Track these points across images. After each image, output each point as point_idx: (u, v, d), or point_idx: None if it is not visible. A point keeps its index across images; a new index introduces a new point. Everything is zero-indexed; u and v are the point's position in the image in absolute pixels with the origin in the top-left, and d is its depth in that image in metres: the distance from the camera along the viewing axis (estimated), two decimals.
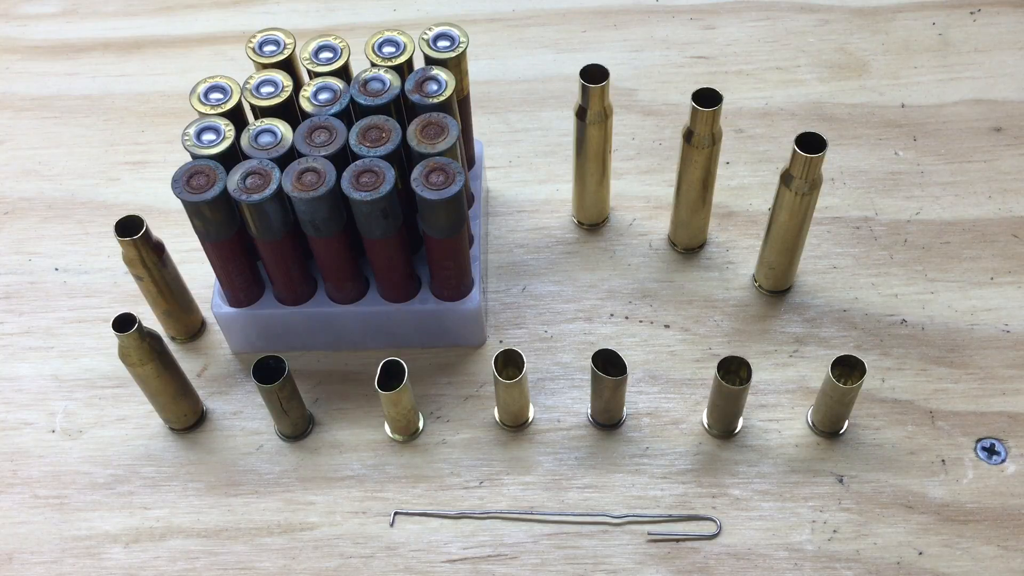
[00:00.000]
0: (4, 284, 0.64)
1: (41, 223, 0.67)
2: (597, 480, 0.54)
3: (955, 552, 0.51)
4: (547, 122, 0.70)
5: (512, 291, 0.62)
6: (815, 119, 0.69)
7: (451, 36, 0.56)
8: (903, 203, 0.64)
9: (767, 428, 0.56)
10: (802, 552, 0.51)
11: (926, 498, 0.53)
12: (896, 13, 0.75)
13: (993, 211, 0.64)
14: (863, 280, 0.61)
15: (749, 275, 0.62)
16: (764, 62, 0.73)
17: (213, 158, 0.51)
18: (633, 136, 0.69)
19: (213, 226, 0.52)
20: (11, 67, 0.76)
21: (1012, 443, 0.54)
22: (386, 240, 0.52)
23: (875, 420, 0.55)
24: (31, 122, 0.73)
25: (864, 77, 0.71)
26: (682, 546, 0.52)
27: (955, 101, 0.70)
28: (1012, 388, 0.56)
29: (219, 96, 0.54)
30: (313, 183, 0.49)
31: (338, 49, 0.55)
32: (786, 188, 0.54)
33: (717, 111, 0.54)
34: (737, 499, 0.53)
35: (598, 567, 0.51)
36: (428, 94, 0.53)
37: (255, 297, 0.57)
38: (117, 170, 0.69)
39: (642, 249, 0.63)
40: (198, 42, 0.77)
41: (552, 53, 0.74)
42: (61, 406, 0.58)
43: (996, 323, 0.59)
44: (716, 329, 0.59)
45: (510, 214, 0.65)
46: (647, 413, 0.56)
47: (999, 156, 0.66)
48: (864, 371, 0.51)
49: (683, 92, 0.71)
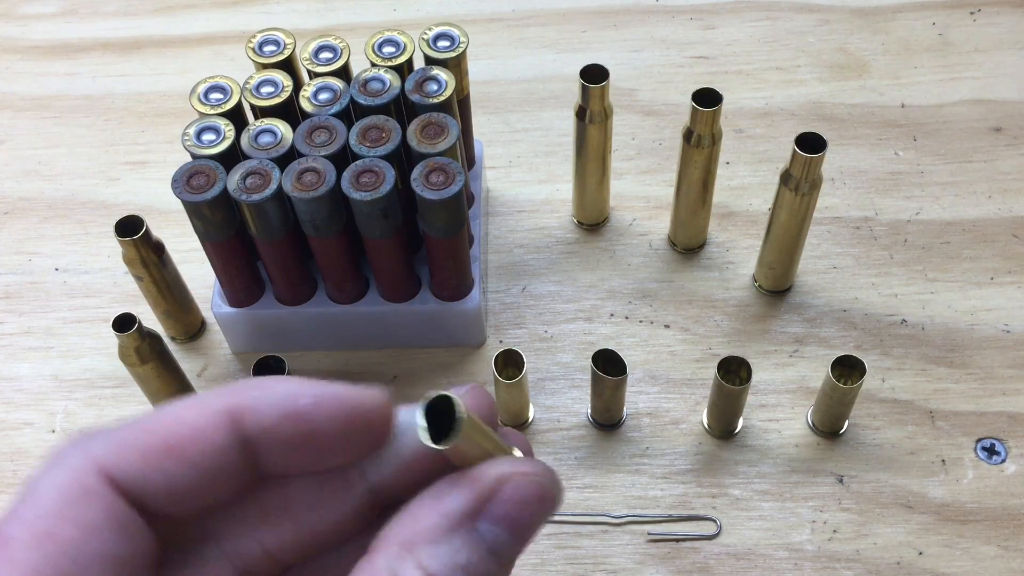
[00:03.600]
0: (4, 284, 0.64)
1: (41, 223, 0.67)
2: (597, 480, 0.54)
3: (955, 552, 0.51)
4: (547, 122, 0.70)
5: (512, 291, 0.62)
6: (815, 119, 0.69)
7: (451, 36, 0.56)
8: (903, 203, 0.64)
9: (767, 428, 0.56)
10: (802, 552, 0.51)
11: (926, 498, 0.53)
12: (896, 13, 0.75)
13: (993, 211, 0.64)
14: (863, 280, 0.61)
15: (749, 275, 0.62)
16: (764, 62, 0.73)
17: (213, 158, 0.51)
18: (633, 136, 0.69)
19: (213, 226, 0.52)
20: (11, 67, 0.76)
21: (1012, 443, 0.54)
22: (386, 240, 0.52)
23: (875, 420, 0.55)
24: (31, 122, 0.73)
25: (864, 77, 0.71)
26: (682, 546, 0.52)
27: (955, 101, 0.70)
28: (1012, 388, 0.56)
29: (219, 96, 0.54)
30: (313, 183, 0.49)
31: (338, 49, 0.55)
32: (786, 188, 0.54)
33: (717, 111, 0.54)
34: (737, 499, 0.53)
35: (598, 567, 0.51)
36: (428, 94, 0.53)
37: (255, 297, 0.57)
38: (117, 170, 0.69)
39: (642, 249, 0.63)
40: (198, 42, 0.77)
41: (552, 53, 0.74)
42: (61, 406, 0.58)
43: (996, 323, 0.59)
44: (716, 329, 0.59)
45: (510, 214, 0.65)
46: (647, 413, 0.56)
47: (999, 156, 0.66)
48: (864, 371, 0.51)
49: (683, 92, 0.71)
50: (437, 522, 0.26)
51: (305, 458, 0.27)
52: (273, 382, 0.27)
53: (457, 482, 0.26)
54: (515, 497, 0.26)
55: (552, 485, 0.27)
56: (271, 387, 0.27)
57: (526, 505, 0.27)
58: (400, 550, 0.25)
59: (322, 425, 0.26)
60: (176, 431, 0.26)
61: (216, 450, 0.26)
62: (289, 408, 0.26)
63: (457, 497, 0.26)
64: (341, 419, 0.27)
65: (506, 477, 0.27)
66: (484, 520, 0.26)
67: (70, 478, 0.25)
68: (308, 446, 0.27)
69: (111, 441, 0.25)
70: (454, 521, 0.26)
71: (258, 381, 0.27)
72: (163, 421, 0.26)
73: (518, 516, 0.26)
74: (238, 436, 0.26)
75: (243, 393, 0.27)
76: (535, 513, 0.27)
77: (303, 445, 0.27)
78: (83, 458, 0.25)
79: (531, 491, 0.27)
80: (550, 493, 0.27)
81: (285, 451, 0.27)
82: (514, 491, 0.27)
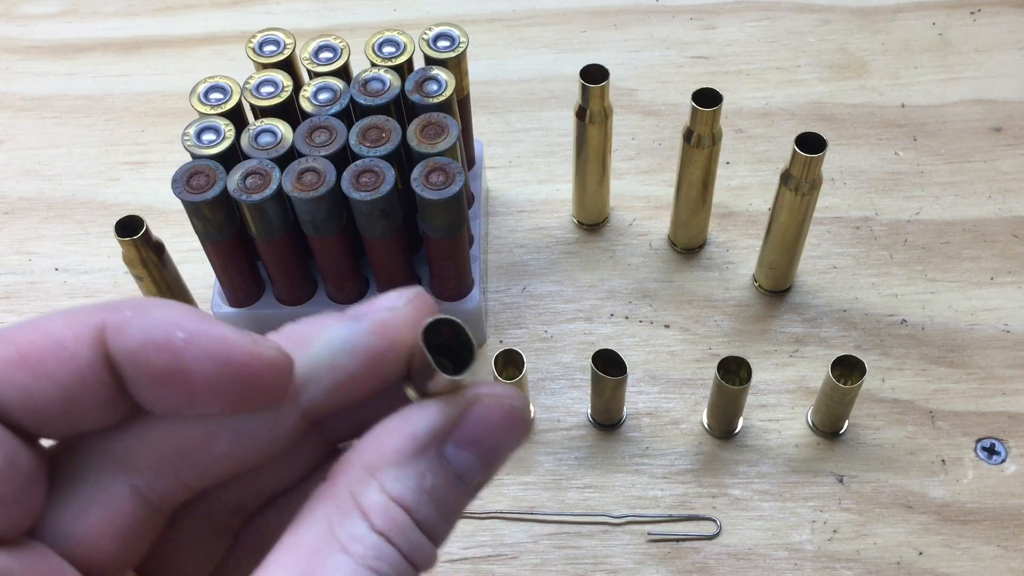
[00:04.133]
0: (4, 284, 0.64)
1: (41, 223, 0.67)
2: (597, 480, 0.54)
3: (955, 552, 0.51)
4: (547, 122, 0.70)
5: (512, 291, 0.62)
6: (815, 119, 0.69)
7: (451, 36, 0.56)
8: (903, 203, 0.64)
9: (767, 428, 0.56)
10: (802, 552, 0.51)
11: (926, 498, 0.53)
12: (896, 13, 0.75)
13: (993, 211, 0.64)
14: (863, 280, 0.61)
15: (749, 275, 0.62)
16: (764, 62, 0.73)
17: (213, 158, 0.51)
18: (633, 136, 0.69)
19: (213, 226, 0.52)
20: (11, 67, 0.76)
21: (1012, 443, 0.54)
22: (386, 240, 0.52)
23: (875, 420, 0.55)
24: (31, 122, 0.73)
25: (864, 77, 0.71)
26: (682, 546, 0.52)
27: (955, 101, 0.70)
28: (1012, 388, 0.56)
29: (219, 96, 0.54)
30: (313, 183, 0.49)
31: (338, 49, 0.55)
32: (786, 188, 0.54)
33: (717, 111, 0.54)
34: (737, 499, 0.53)
35: (598, 567, 0.51)
36: (428, 94, 0.53)
37: (255, 297, 0.57)
38: (117, 170, 0.69)
39: (642, 249, 0.63)
40: (198, 42, 0.77)
41: (552, 53, 0.74)
42: None
43: (996, 323, 0.59)
44: (716, 329, 0.59)
45: (510, 214, 0.65)
46: (647, 413, 0.56)
47: (999, 156, 0.66)
48: (864, 371, 0.51)
49: (683, 92, 0.71)
50: (403, 445, 0.24)
51: (174, 398, 0.25)
52: (157, 306, 0.25)
53: (425, 405, 0.25)
54: (484, 420, 0.25)
55: (523, 409, 0.26)
56: (150, 310, 0.24)
57: (495, 429, 0.25)
58: (363, 472, 0.24)
59: (191, 365, 0.24)
60: (36, 342, 0.24)
61: (79, 366, 0.24)
62: (157, 336, 0.24)
63: (424, 419, 0.25)
64: (214, 365, 0.24)
65: (475, 399, 0.25)
66: (452, 444, 0.25)
67: None
68: (175, 385, 0.24)
69: None
70: (420, 444, 0.24)
71: (141, 301, 0.25)
72: (25, 331, 0.24)
73: (486, 440, 0.25)
74: (102, 355, 0.24)
75: (118, 311, 0.24)
76: (504, 438, 0.25)
77: (169, 382, 0.24)
78: None
79: (500, 414, 0.25)
80: (520, 417, 0.26)
81: (150, 384, 0.24)
82: (483, 414, 0.25)
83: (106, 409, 0.25)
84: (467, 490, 0.25)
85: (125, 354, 0.24)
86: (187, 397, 0.25)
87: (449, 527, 0.25)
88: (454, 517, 0.25)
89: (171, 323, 0.24)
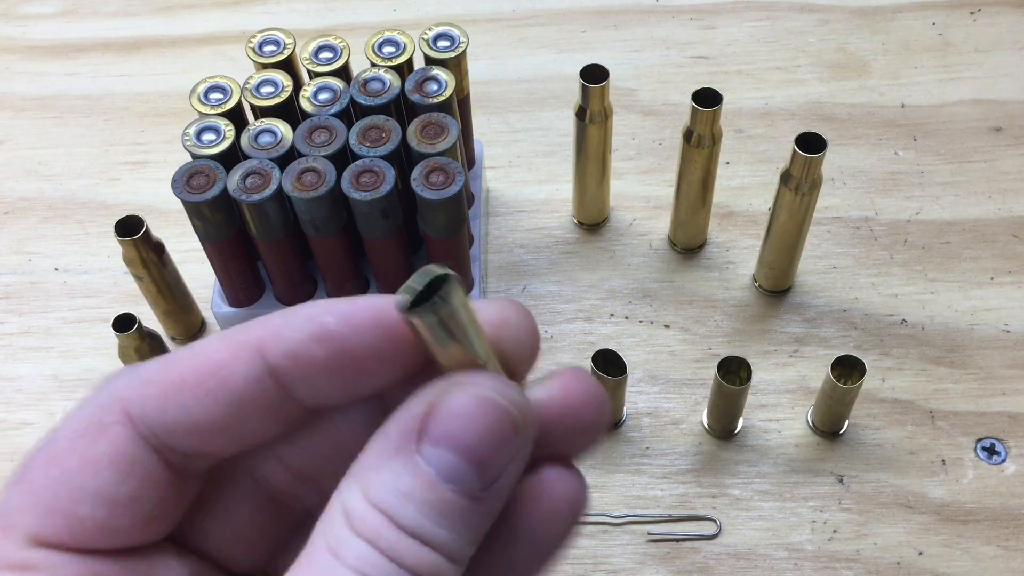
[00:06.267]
0: (4, 284, 0.64)
1: (41, 223, 0.67)
2: (597, 480, 0.54)
3: (955, 552, 0.51)
4: (547, 122, 0.70)
5: (512, 291, 0.62)
6: (815, 119, 0.69)
7: (451, 36, 0.56)
8: (903, 203, 0.64)
9: (767, 428, 0.56)
10: (802, 552, 0.51)
11: (926, 498, 0.53)
12: (896, 13, 0.75)
13: (993, 211, 0.64)
14: (863, 280, 0.61)
15: (749, 275, 0.62)
16: (764, 62, 0.73)
17: (213, 158, 0.51)
18: (633, 136, 0.69)
19: (213, 226, 0.52)
20: (11, 67, 0.76)
21: (1012, 443, 0.54)
22: (386, 240, 0.52)
23: (875, 420, 0.55)
24: (31, 122, 0.73)
25: (864, 77, 0.71)
26: (682, 546, 0.52)
27: (955, 101, 0.70)
28: (1012, 388, 0.56)
29: (219, 96, 0.54)
30: (313, 183, 0.49)
31: (338, 49, 0.55)
32: (786, 188, 0.54)
33: (717, 111, 0.54)
34: (737, 499, 0.53)
35: (598, 567, 0.51)
36: (428, 94, 0.53)
37: (255, 297, 0.57)
38: (117, 170, 0.69)
39: (642, 249, 0.63)
40: (198, 42, 0.77)
41: (552, 53, 0.74)
42: (61, 406, 0.58)
43: (996, 323, 0.59)
44: (716, 329, 0.59)
45: (510, 214, 0.65)
46: (647, 413, 0.56)
47: (999, 156, 0.66)
48: (864, 371, 0.51)
49: (683, 92, 0.71)
50: (380, 445, 0.23)
51: (342, 383, 0.25)
52: (297, 308, 0.25)
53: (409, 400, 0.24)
54: (454, 414, 0.23)
55: (502, 397, 0.23)
56: (294, 312, 0.25)
57: (467, 422, 0.23)
58: (348, 477, 0.24)
59: (352, 341, 0.24)
60: (195, 364, 0.24)
61: (240, 382, 0.24)
62: (315, 329, 0.24)
63: (398, 416, 0.23)
64: (370, 333, 0.24)
65: (443, 391, 0.23)
66: (427, 442, 0.23)
67: (90, 413, 0.24)
68: (342, 368, 0.24)
69: (133, 378, 0.25)
70: (392, 444, 0.23)
71: (282, 311, 0.25)
72: (184, 356, 0.25)
73: (463, 436, 0.23)
74: (264, 366, 0.24)
75: (267, 323, 0.25)
76: (482, 432, 0.23)
77: (336, 368, 0.24)
78: (108, 395, 0.25)
79: (473, 405, 0.23)
80: (497, 407, 0.23)
81: (318, 377, 0.24)
82: (451, 407, 0.23)
83: (270, 421, 0.25)
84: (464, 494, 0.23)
85: (287, 356, 0.24)
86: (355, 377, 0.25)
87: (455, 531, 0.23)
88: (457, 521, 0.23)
89: (318, 313, 0.25)
